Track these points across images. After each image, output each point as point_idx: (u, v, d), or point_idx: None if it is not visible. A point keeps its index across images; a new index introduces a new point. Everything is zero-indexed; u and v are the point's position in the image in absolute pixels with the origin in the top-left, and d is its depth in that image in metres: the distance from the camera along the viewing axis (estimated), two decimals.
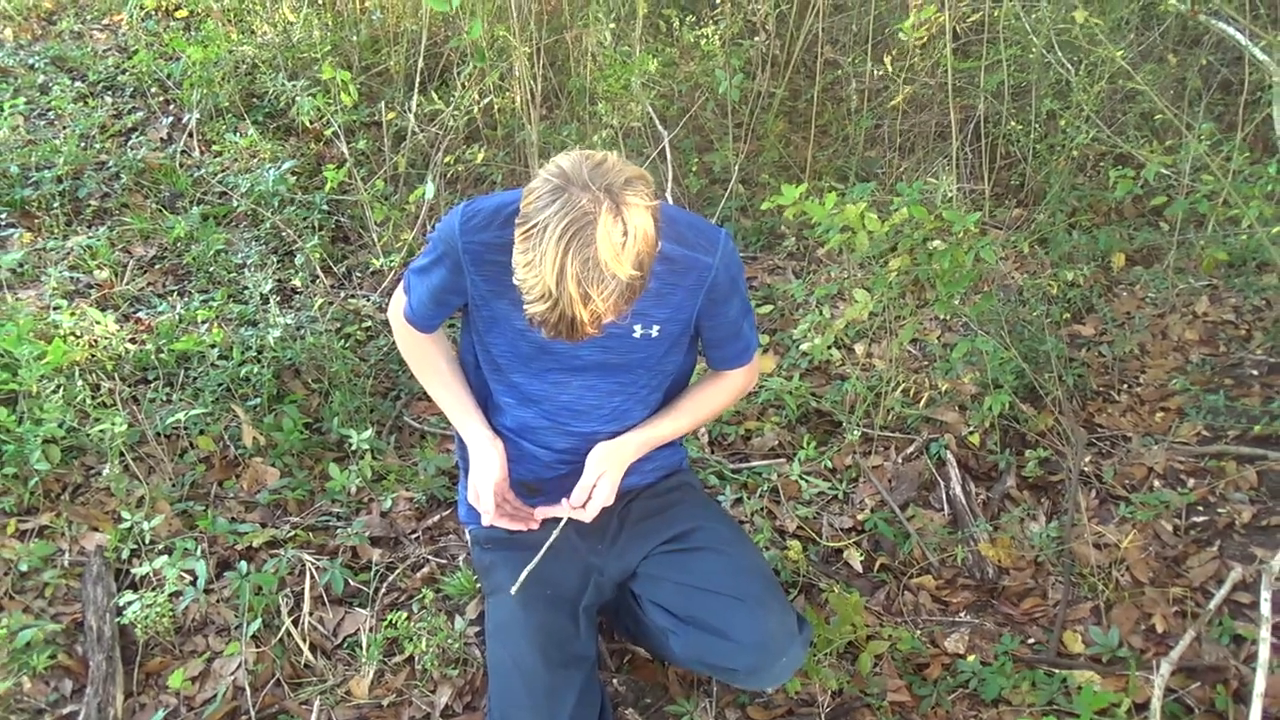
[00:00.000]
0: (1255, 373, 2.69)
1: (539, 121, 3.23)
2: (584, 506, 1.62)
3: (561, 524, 1.64)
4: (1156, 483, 2.39)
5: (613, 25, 3.29)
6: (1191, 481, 2.38)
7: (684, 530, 1.72)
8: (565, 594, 1.66)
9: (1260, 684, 1.62)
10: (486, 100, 3.31)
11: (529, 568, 1.61)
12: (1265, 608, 1.70)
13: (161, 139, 3.54)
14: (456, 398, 1.73)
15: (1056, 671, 1.92)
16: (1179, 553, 2.20)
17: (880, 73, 3.53)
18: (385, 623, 1.98)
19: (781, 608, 1.62)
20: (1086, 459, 2.46)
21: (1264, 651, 1.66)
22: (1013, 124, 3.42)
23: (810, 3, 3.54)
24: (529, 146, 3.22)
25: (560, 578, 1.67)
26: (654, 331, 1.58)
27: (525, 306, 1.32)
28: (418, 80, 3.33)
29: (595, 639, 1.72)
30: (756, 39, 3.55)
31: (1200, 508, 2.31)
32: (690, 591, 1.64)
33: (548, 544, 1.63)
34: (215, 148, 3.45)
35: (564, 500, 1.62)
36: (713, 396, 1.76)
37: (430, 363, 1.74)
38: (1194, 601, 2.07)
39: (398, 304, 1.72)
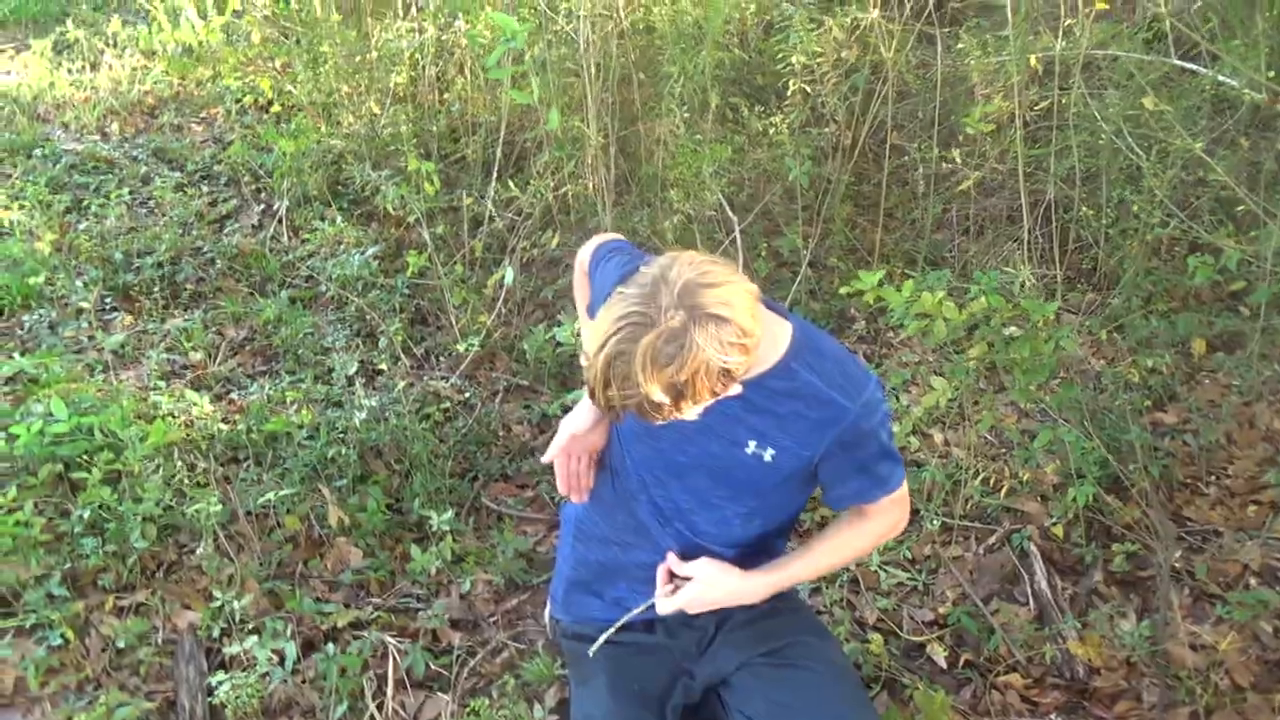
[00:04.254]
0: None
1: (612, 208, 3.32)
2: (669, 595, 1.59)
3: (643, 606, 1.64)
4: (1253, 580, 2.30)
5: (685, 115, 3.39)
6: None
7: (782, 644, 1.66)
8: (653, 691, 1.64)
9: None
10: (563, 189, 3.42)
11: (606, 634, 1.63)
12: None
13: (253, 225, 3.72)
14: None
15: None
16: None
17: (947, 160, 3.57)
18: (467, 709, 1.98)
19: None
20: (1177, 554, 2.38)
21: None
22: (1084, 209, 3.42)
23: (877, 90, 3.61)
24: (602, 232, 3.31)
25: (649, 675, 1.66)
26: (767, 455, 1.51)
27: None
28: (495, 168, 3.46)
29: None
30: (827, 129, 3.63)
31: None
32: (782, 711, 1.59)
33: (625, 618, 1.65)
34: (303, 234, 3.62)
35: (660, 580, 1.61)
36: (850, 539, 1.64)
37: (586, 303, 1.78)
38: None
39: (589, 248, 1.74)
